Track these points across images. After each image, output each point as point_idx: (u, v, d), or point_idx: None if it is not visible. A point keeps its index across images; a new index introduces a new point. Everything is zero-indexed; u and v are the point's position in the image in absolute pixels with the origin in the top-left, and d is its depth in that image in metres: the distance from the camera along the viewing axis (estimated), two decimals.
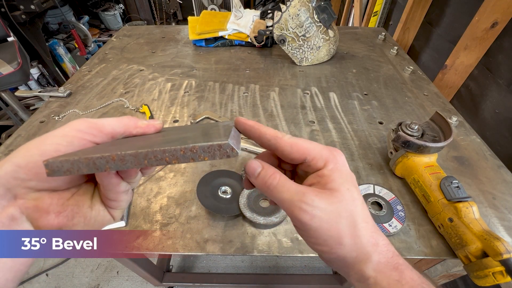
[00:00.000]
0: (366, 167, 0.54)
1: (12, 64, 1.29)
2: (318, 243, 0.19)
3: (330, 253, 0.19)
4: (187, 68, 0.86)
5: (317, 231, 0.19)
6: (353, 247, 0.19)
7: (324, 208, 0.18)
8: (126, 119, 0.22)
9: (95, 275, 1.19)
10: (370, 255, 0.19)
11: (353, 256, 0.19)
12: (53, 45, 2.01)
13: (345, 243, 0.19)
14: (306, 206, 0.18)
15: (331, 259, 0.20)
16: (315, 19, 0.82)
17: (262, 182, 0.20)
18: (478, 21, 0.72)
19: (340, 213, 0.19)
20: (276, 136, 0.21)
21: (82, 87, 0.76)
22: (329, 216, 0.19)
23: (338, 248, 0.19)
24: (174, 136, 0.21)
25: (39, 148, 0.18)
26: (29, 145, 0.18)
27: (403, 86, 0.79)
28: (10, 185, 0.17)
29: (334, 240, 0.19)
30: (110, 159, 0.16)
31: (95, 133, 0.20)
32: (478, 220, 0.38)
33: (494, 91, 0.71)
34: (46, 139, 0.19)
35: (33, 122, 0.64)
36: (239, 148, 0.17)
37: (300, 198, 0.19)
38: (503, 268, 0.34)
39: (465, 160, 0.56)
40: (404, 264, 0.20)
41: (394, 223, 0.43)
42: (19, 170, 0.17)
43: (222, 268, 1.22)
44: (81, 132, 0.19)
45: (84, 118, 0.21)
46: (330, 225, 0.18)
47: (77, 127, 0.20)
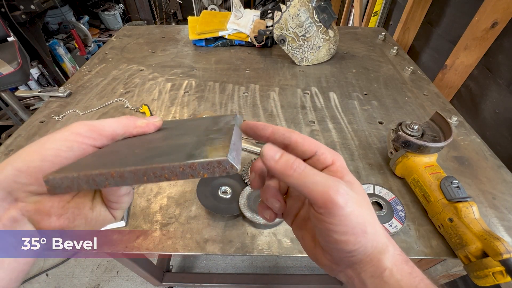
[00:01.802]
0: (366, 167, 0.54)
1: (12, 64, 1.29)
2: (345, 232, 0.18)
3: (355, 243, 0.19)
4: (187, 68, 0.86)
5: (349, 216, 0.18)
6: (373, 236, 0.19)
7: (353, 196, 0.19)
8: (125, 119, 0.22)
9: (95, 275, 1.19)
10: (387, 245, 0.20)
11: (373, 245, 0.19)
12: (53, 45, 2.01)
13: (368, 231, 0.19)
14: (342, 190, 0.18)
15: (353, 251, 0.19)
16: (315, 19, 0.82)
17: (285, 166, 0.18)
18: (478, 21, 0.72)
19: (363, 201, 0.19)
20: (290, 130, 0.22)
21: (82, 87, 0.76)
22: (357, 203, 0.19)
23: (363, 237, 0.19)
24: (173, 141, 0.21)
25: (39, 153, 0.18)
26: (30, 148, 0.19)
27: (403, 86, 0.79)
28: (11, 189, 0.18)
29: (361, 228, 0.18)
30: (109, 176, 0.16)
31: (95, 137, 0.20)
32: (478, 220, 0.38)
33: (494, 91, 0.71)
34: (46, 143, 0.19)
35: (33, 122, 0.64)
36: (238, 162, 0.17)
37: (335, 184, 0.18)
38: (503, 268, 0.34)
39: (465, 160, 0.55)
40: (411, 261, 0.20)
41: (394, 223, 0.43)
42: (20, 174, 0.17)
43: (222, 268, 1.22)
44: (81, 136, 0.19)
45: (84, 120, 0.20)
46: (359, 212, 0.18)
47: (77, 130, 0.19)
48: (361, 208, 0.19)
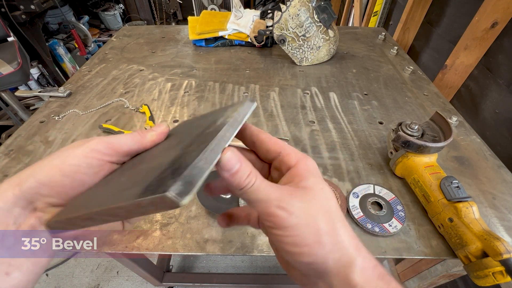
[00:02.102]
0: (366, 167, 0.54)
1: (12, 64, 1.29)
2: (296, 243, 0.18)
3: (310, 255, 0.18)
4: (187, 68, 0.86)
5: (295, 228, 0.17)
6: (333, 247, 0.18)
7: (301, 206, 0.18)
8: (138, 136, 0.22)
9: (95, 275, 1.19)
10: (354, 258, 0.18)
11: (335, 258, 0.18)
12: (53, 45, 2.01)
13: (324, 241, 0.18)
14: (283, 203, 0.17)
15: (310, 264, 0.18)
16: (315, 19, 0.82)
17: (238, 182, 0.18)
18: (478, 21, 0.72)
19: (317, 210, 0.18)
20: (260, 130, 0.22)
21: (82, 87, 0.76)
22: (306, 212, 0.18)
23: (318, 248, 0.17)
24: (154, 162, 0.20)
25: (61, 169, 0.19)
26: (52, 163, 0.20)
27: (403, 86, 0.79)
28: (33, 199, 0.19)
29: (313, 238, 0.17)
30: (85, 219, 0.17)
31: (112, 153, 0.21)
32: (478, 220, 0.38)
33: (494, 91, 0.71)
34: (67, 159, 0.20)
35: (33, 122, 0.64)
36: (190, 190, 0.13)
37: (276, 197, 0.18)
38: (503, 268, 0.34)
39: (465, 160, 0.55)
40: (388, 275, 0.18)
41: (394, 223, 0.43)
42: (42, 187, 0.19)
43: (222, 268, 1.22)
44: (100, 153, 0.20)
45: (103, 138, 0.21)
46: (308, 221, 0.18)
47: (96, 147, 0.20)
48: (313, 217, 0.18)
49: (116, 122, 0.64)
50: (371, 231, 0.42)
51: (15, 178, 0.19)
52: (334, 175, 0.52)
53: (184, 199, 0.13)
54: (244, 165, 0.18)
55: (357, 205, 0.46)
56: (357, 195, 0.47)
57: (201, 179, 0.14)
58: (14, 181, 0.19)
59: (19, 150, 0.57)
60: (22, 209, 0.19)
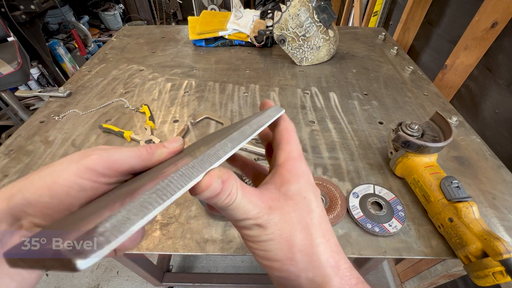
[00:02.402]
0: (366, 167, 0.54)
1: (12, 64, 1.29)
2: (267, 258, 0.17)
3: (281, 271, 0.17)
4: (187, 68, 0.86)
5: (268, 244, 0.17)
6: (308, 265, 0.17)
7: (277, 221, 0.17)
8: (145, 153, 0.19)
9: (95, 275, 1.19)
10: (330, 278, 0.17)
11: (308, 277, 0.17)
12: (53, 45, 2.01)
13: (297, 259, 0.17)
14: (260, 220, 0.17)
15: (283, 279, 0.17)
16: (315, 19, 0.82)
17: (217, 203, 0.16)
18: (478, 21, 0.72)
19: (294, 224, 0.17)
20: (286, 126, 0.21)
21: (82, 87, 0.76)
22: (282, 227, 0.17)
23: (290, 265, 0.17)
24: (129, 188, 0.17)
25: (50, 189, 0.17)
26: (43, 180, 0.17)
27: (403, 86, 0.79)
28: (19, 216, 0.17)
29: (285, 254, 0.17)
30: None
31: (110, 174, 0.18)
32: (478, 220, 0.38)
33: (494, 91, 0.71)
34: (59, 178, 0.17)
35: (33, 122, 0.64)
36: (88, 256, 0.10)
37: (254, 215, 0.17)
38: (503, 268, 0.34)
39: (465, 160, 0.55)
40: None
41: (394, 223, 0.43)
42: (28, 206, 0.17)
43: (222, 268, 1.22)
44: (95, 173, 0.17)
45: (103, 153, 0.18)
46: (282, 237, 0.17)
47: (93, 166, 0.17)
48: (289, 233, 0.17)
49: (116, 122, 0.64)
50: (371, 231, 0.42)
51: (6, 190, 0.17)
52: (334, 175, 0.52)
53: (81, 263, 0.10)
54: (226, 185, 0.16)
55: (357, 205, 0.46)
56: (357, 195, 0.47)
57: (108, 247, 0.10)
58: (5, 194, 0.17)
59: (19, 150, 0.57)
60: (8, 226, 0.17)
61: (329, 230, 0.18)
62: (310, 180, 0.19)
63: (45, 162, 0.54)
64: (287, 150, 0.20)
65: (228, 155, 0.17)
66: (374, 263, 0.96)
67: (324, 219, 0.18)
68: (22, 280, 0.17)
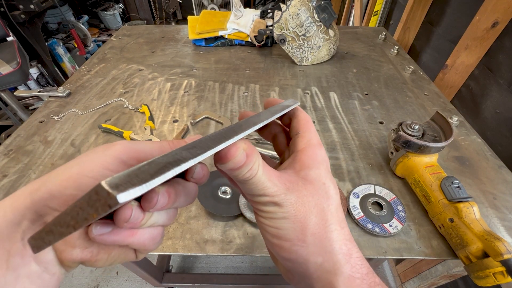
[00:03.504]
0: (367, 167, 0.54)
1: (12, 64, 1.29)
2: (278, 236, 0.17)
3: (290, 252, 0.17)
4: (186, 68, 0.86)
5: (281, 221, 0.17)
6: (318, 249, 0.16)
7: (294, 202, 0.17)
8: (167, 147, 0.19)
9: (94, 275, 1.19)
10: (340, 265, 0.16)
11: (317, 261, 0.16)
12: (53, 44, 2.01)
13: (309, 241, 0.16)
14: (277, 198, 0.17)
15: (290, 261, 0.17)
16: (315, 19, 0.81)
17: (238, 175, 0.16)
18: (478, 20, 0.72)
19: (310, 207, 0.17)
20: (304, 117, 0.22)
21: (82, 87, 0.76)
22: (297, 208, 0.17)
23: (300, 246, 0.16)
24: None
25: (76, 181, 0.16)
26: (69, 171, 0.17)
27: (403, 86, 0.78)
28: (42, 212, 0.17)
29: (296, 235, 0.16)
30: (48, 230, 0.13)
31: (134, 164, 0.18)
32: (479, 220, 0.38)
33: (495, 91, 0.71)
34: (85, 169, 0.17)
35: (32, 122, 0.64)
36: (128, 188, 0.11)
37: (272, 193, 0.17)
38: (503, 268, 0.34)
39: (466, 160, 0.55)
40: (380, 284, 0.17)
41: (394, 224, 0.43)
42: (53, 199, 0.16)
43: (222, 268, 1.22)
44: (121, 163, 0.17)
45: (127, 143, 0.18)
46: (297, 218, 0.17)
47: (118, 155, 0.17)
48: (304, 215, 0.17)
49: (116, 122, 0.64)
50: (371, 231, 0.42)
51: (30, 185, 0.17)
52: (335, 175, 0.52)
53: (121, 194, 0.10)
54: (250, 159, 0.16)
55: (358, 205, 0.45)
56: (358, 195, 0.47)
57: (154, 181, 0.11)
58: (28, 189, 0.16)
59: (18, 150, 0.56)
60: (31, 223, 0.16)
61: (343, 220, 0.18)
62: (328, 167, 0.19)
63: (44, 162, 0.54)
64: (307, 137, 0.20)
65: (258, 126, 0.18)
66: (374, 263, 0.96)
67: (340, 208, 0.18)
68: (42, 284, 0.16)
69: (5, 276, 0.15)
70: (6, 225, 0.15)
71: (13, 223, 0.16)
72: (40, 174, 0.52)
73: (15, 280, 0.15)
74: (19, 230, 0.16)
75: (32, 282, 0.16)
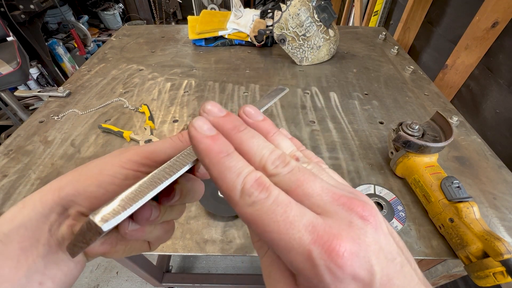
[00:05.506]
0: (367, 167, 0.54)
1: (12, 64, 1.29)
2: None
3: None
4: (186, 68, 0.86)
5: None
6: None
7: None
8: (177, 140, 0.21)
9: (94, 275, 1.19)
10: None
11: None
12: (53, 44, 2.01)
13: None
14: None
15: None
16: (316, 19, 0.81)
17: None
18: (478, 20, 0.72)
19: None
20: None
21: (82, 87, 0.76)
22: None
23: None
24: None
25: (97, 179, 0.19)
26: (91, 171, 0.19)
27: (403, 86, 0.78)
28: (67, 206, 0.18)
29: None
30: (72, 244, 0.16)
31: (149, 164, 0.20)
32: (479, 220, 0.38)
33: (495, 91, 0.71)
34: (105, 169, 0.19)
35: (32, 122, 0.64)
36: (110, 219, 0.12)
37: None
38: (503, 268, 0.34)
39: (466, 160, 0.55)
40: None
41: (394, 224, 0.43)
42: (78, 195, 0.18)
43: (222, 268, 1.22)
44: (136, 164, 0.19)
45: (139, 149, 0.20)
46: None
47: (132, 157, 0.19)
48: None
49: (116, 122, 0.64)
50: None
51: (55, 183, 0.19)
52: None
53: (104, 224, 0.12)
54: None
55: None
56: None
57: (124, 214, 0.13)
58: (55, 186, 0.19)
59: (18, 150, 0.56)
60: (58, 216, 0.18)
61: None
62: None
63: (44, 162, 0.54)
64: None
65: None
66: None
67: None
68: (68, 271, 0.19)
69: (35, 262, 0.17)
70: (36, 217, 0.17)
71: (43, 215, 0.18)
72: (40, 174, 0.52)
73: (45, 266, 0.17)
74: (47, 222, 0.18)
75: (59, 269, 0.18)
